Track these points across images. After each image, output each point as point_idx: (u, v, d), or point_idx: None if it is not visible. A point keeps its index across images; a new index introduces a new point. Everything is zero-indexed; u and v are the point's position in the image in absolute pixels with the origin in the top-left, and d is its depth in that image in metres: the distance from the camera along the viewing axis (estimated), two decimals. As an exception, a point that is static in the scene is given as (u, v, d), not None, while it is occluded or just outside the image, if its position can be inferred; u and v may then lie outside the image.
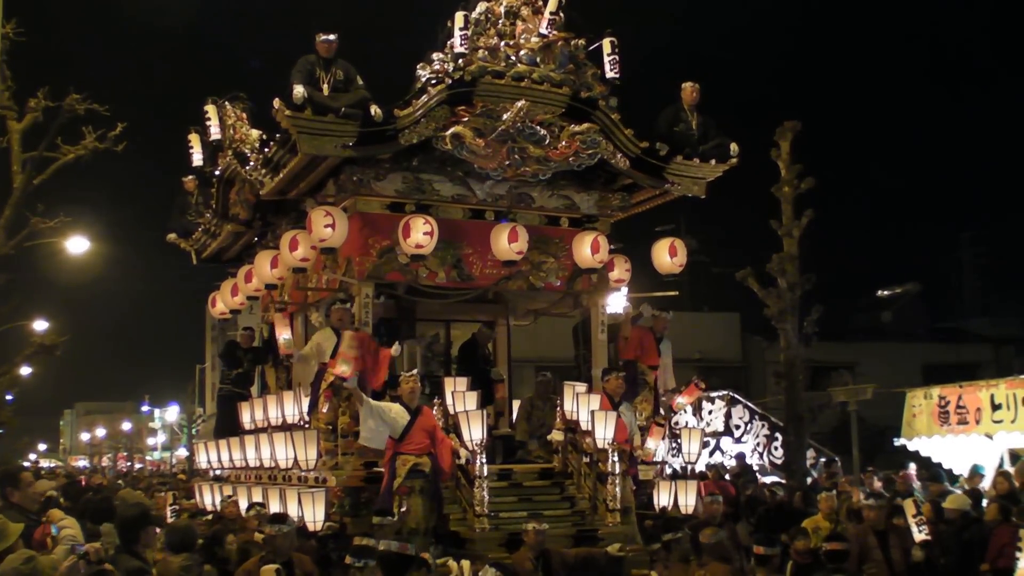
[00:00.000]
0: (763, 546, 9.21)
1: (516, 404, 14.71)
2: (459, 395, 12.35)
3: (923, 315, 42.87)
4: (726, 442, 24.51)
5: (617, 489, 12.07)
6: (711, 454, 23.05)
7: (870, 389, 19.28)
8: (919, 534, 10.66)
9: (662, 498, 13.06)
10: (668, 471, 14.85)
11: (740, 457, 22.45)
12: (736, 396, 25.73)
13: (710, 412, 24.40)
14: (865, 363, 32.32)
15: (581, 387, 13.01)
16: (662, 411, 14.13)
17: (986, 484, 15.51)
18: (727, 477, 19.09)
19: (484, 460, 11.58)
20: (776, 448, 24.00)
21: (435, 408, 12.38)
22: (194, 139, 15.36)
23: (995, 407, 17.32)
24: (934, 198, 77.17)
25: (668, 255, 13.67)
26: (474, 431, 11.64)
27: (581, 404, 12.64)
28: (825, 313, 21.20)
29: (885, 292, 33.05)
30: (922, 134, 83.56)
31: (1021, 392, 16.78)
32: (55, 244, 22.00)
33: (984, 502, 13.17)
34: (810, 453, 22.70)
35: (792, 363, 20.70)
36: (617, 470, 12.10)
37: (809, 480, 19.64)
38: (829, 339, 26.12)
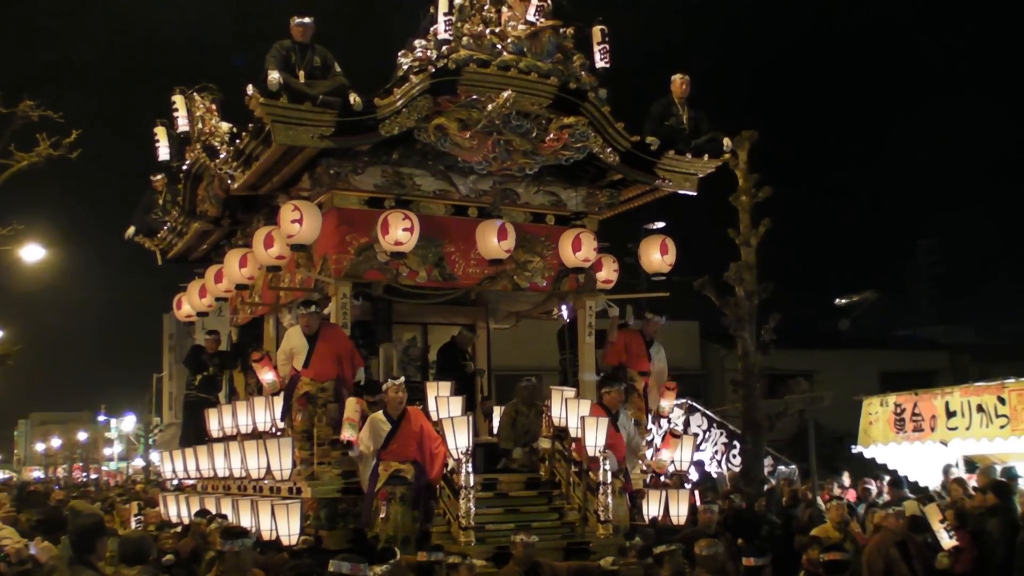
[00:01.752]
0: (753, 557, 8.75)
1: (498, 411, 14.03)
2: (442, 400, 11.73)
3: (880, 323, 43.04)
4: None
5: (609, 499, 11.51)
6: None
7: (828, 397, 19.37)
8: (948, 540, 10.09)
9: (652, 508, 12.43)
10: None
11: (699, 465, 22.08)
12: (694, 404, 25.57)
13: (668, 420, 24.09)
14: (823, 371, 32.50)
15: (570, 392, 12.45)
16: (649, 419, 13.56)
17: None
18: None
19: (470, 469, 10.96)
20: (734, 456, 23.87)
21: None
22: (160, 132, 14.70)
23: (950, 415, 17.42)
24: (892, 208, 77.63)
25: (659, 253, 13.13)
26: (459, 438, 10.99)
27: (570, 410, 12.06)
28: (783, 321, 21.07)
29: (843, 300, 32.98)
30: (880, 145, 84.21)
31: (976, 400, 16.84)
32: (10, 252, 21.82)
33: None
34: (768, 461, 22.72)
35: (750, 371, 20.63)
36: (609, 480, 11.55)
37: (766, 487, 19.36)
38: (787, 347, 26.00)
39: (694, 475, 14.47)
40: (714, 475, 22.26)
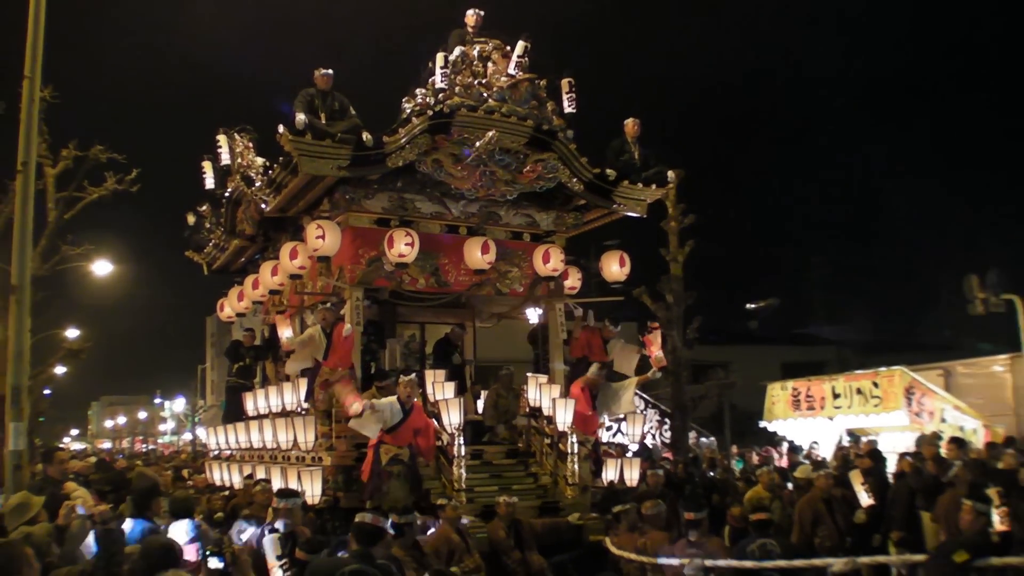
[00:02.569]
0: (693, 512, 8.51)
1: (483, 394, 13.79)
2: (438, 385, 11.56)
3: (782, 323, 43.07)
4: (625, 426, 23.95)
5: (576, 466, 11.33)
6: (614, 436, 22.63)
7: (736, 383, 19.78)
8: (867, 499, 9.89)
9: (609, 473, 12.22)
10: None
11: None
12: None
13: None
14: (736, 362, 32.71)
15: (543, 378, 12.31)
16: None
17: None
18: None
19: (462, 442, 10.73)
20: (666, 431, 23.79)
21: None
22: (207, 166, 14.40)
23: (835, 396, 18.52)
24: (790, 229, 77.86)
25: (618, 265, 12.92)
26: (453, 416, 10.83)
27: (543, 393, 11.91)
28: (704, 322, 21.43)
29: (752, 305, 33.10)
30: (780, 177, 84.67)
31: (856, 384, 17.94)
32: (83, 267, 21.69)
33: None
34: (692, 434, 22.85)
35: (678, 362, 20.61)
36: (576, 450, 11.38)
37: (691, 455, 19.34)
38: (708, 343, 26.27)
39: (634, 446, 14.18)
40: (650, 446, 22.13)
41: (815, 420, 19.23)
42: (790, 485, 12.49)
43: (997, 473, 10.73)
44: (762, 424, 21.03)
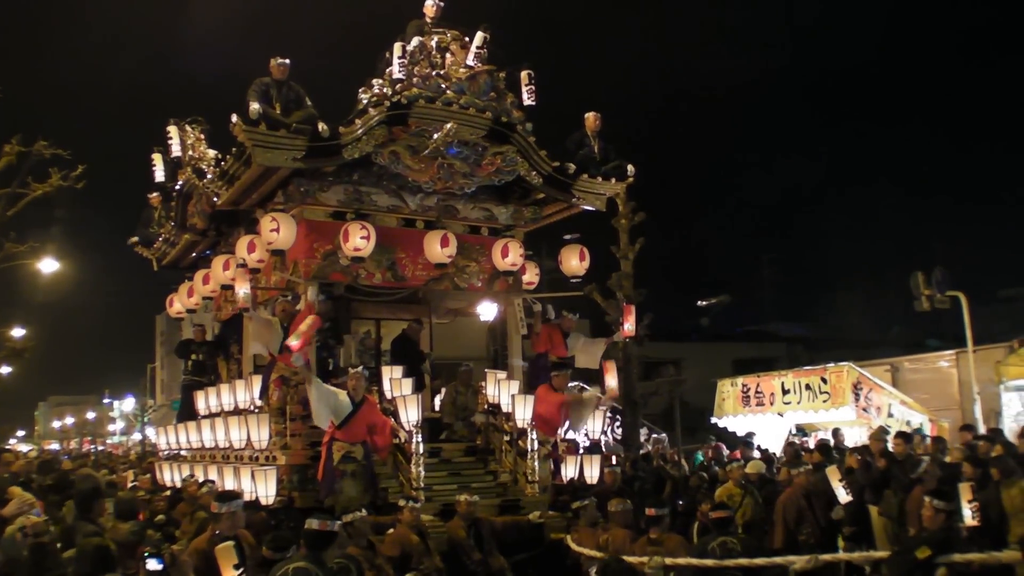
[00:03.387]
0: (654, 508, 8.31)
1: (442, 391, 13.40)
2: (396, 382, 11.12)
3: (732, 320, 43.25)
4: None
5: (536, 464, 10.97)
6: (565, 433, 22.51)
7: (686, 380, 19.74)
8: (845, 496, 9.63)
9: (569, 470, 11.88)
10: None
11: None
12: (584, 386, 24.98)
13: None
14: (687, 358, 32.57)
15: (502, 374, 11.94)
16: None
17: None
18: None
19: (420, 439, 10.33)
20: (617, 427, 23.63)
21: (373, 394, 11.07)
22: (156, 158, 13.88)
23: (785, 392, 18.47)
24: (740, 227, 78.59)
25: (577, 259, 12.59)
26: (411, 413, 10.40)
27: (502, 389, 11.54)
28: (655, 319, 21.33)
29: (703, 302, 33.19)
30: (733, 177, 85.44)
31: (805, 380, 17.94)
32: (28, 265, 21.22)
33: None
34: (643, 431, 22.54)
35: (628, 359, 20.41)
36: (536, 447, 11.03)
37: (642, 451, 19.17)
38: (658, 340, 26.11)
39: (585, 441, 13.89)
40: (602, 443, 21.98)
41: (765, 416, 19.21)
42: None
43: (945, 467, 10.64)
44: (713, 420, 20.95)
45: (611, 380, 12.54)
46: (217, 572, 6.48)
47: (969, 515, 7.59)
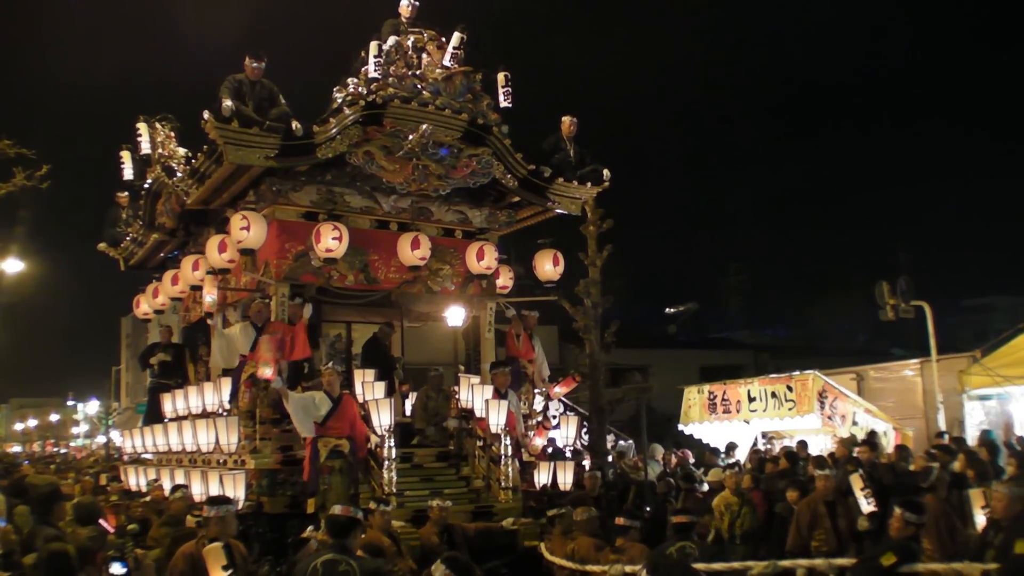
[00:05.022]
0: (625, 518, 8.07)
1: (412, 396, 13.05)
2: (368, 385, 10.76)
3: (700, 328, 43.16)
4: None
5: (509, 469, 10.65)
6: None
7: (653, 387, 19.66)
8: (867, 506, 9.33)
9: (542, 476, 11.56)
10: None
11: (552, 441, 21.66)
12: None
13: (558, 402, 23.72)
14: (654, 365, 31.92)
15: (475, 379, 11.62)
16: (541, 400, 12.75)
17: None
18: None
19: (393, 444, 9.98)
20: (584, 434, 23.47)
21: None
22: (125, 155, 13.40)
23: (751, 399, 18.15)
24: (707, 236, 78.95)
25: (551, 264, 12.33)
26: (383, 417, 10.06)
27: (475, 394, 11.22)
28: (622, 326, 20.74)
29: (671, 309, 32.99)
30: (698, 186, 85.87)
31: (771, 388, 17.53)
32: None
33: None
34: (610, 438, 22.21)
35: (595, 366, 20.08)
36: (509, 452, 10.70)
37: (609, 458, 18.92)
38: (626, 346, 25.75)
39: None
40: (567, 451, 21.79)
41: (731, 423, 19.04)
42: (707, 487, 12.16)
43: (908, 475, 10.44)
44: (679, 427, 20.75)
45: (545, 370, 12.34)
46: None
47: (982, 521, 7.40)
